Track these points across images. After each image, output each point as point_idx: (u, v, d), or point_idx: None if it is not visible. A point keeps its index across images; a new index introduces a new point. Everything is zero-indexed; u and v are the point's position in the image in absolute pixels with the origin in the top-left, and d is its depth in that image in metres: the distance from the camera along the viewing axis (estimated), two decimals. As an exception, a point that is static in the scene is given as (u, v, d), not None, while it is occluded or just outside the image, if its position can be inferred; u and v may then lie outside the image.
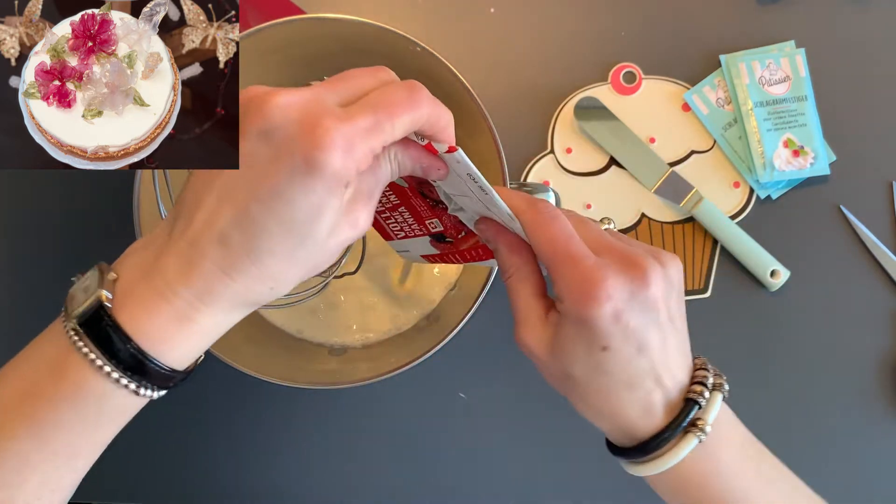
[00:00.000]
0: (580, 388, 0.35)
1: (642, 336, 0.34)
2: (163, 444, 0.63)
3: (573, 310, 0.33)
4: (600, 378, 0.34)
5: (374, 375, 0.51)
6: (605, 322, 0.33)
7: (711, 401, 0.36)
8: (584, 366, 0.34)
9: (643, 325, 0.34)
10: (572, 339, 0.34)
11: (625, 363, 0.34)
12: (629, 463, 0.37)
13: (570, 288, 0.33)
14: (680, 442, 0.35)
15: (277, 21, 0.51)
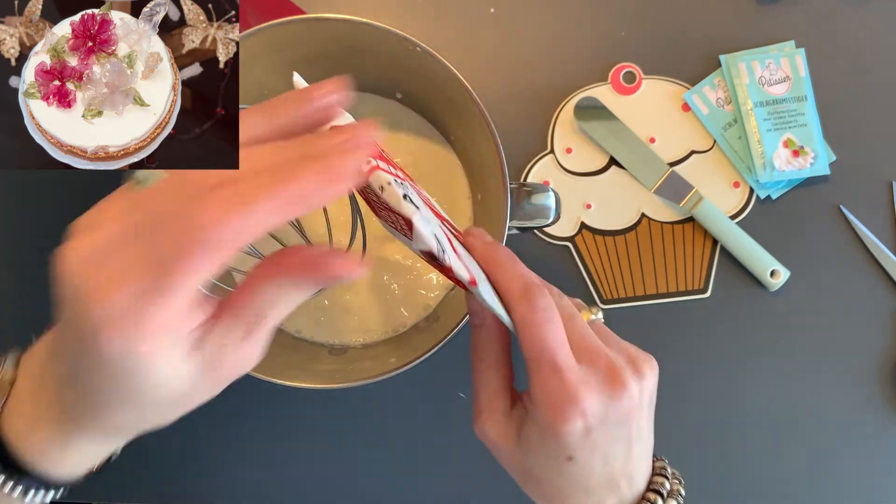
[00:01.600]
0: (539, 487, 0.36)
1: (608, 449, 0.34)
2: (162, 444, 0.63)
3: (544, 418, 0.33)
4: (560, 482, 0.35)
5: (374, 375, 0.51)
6: (574, 437, 0.33)
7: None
8: (546, 469, 0.35)
9: (611, 439, 0.34)
10: (538, 443, 0.34)
11: (587, 473, 0.34)
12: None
13: (546, 396, 0.33)
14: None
15: (277, 21, 0.51)
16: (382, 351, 0.59)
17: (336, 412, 0.63)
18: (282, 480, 0.64)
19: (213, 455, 0.63)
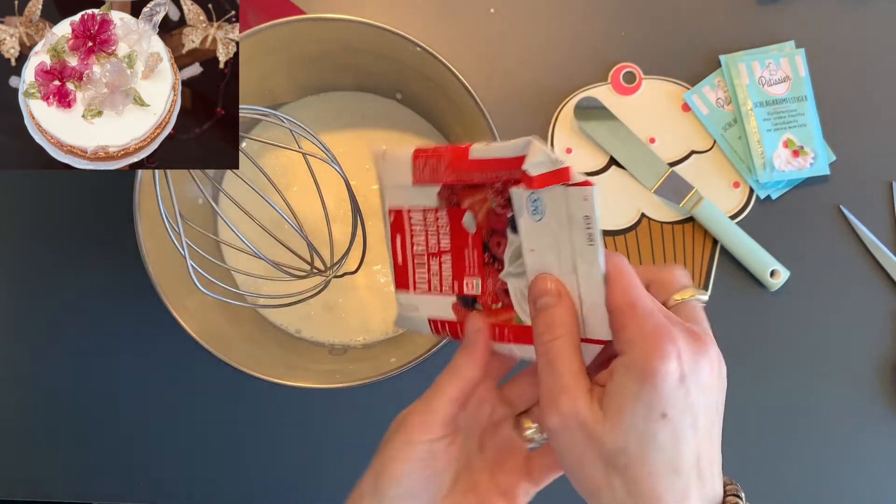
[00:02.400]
0: (630, 470, 0.32)
1: (695, 414, 0.32)
2: (162, 444, 0.63)
3: (640, 361, 0.32)
4: (653, 455, 0.32)
5: (374, 375, 0.51)
6: (670, 381, 0.31)
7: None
8: (639, 436, 0.32)
9: (698, 401, 0.32)
10: (632, 400, 0.32)
11: (677, 439, 0.32)
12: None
13: (643, 334, 0.32)
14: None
15: (277, 21, 0.51)
16: (382, 351, 0.59)
17: (336, 412, 0.63)
18: (282, 480, 0.64)
19: (213, 455, 0.63)
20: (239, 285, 0.60)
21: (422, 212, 0.39)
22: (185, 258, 0.43)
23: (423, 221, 0.39)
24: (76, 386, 0.63)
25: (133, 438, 0.63)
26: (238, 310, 0.59)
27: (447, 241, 0.39)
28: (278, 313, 0.61)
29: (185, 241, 0.43)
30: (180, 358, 0.63)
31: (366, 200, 0.62)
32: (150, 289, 0.50)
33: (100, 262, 0.63)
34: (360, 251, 0.53)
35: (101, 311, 0.63)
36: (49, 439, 0.63)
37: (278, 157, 0.62)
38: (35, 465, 0.63)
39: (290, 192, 0.60)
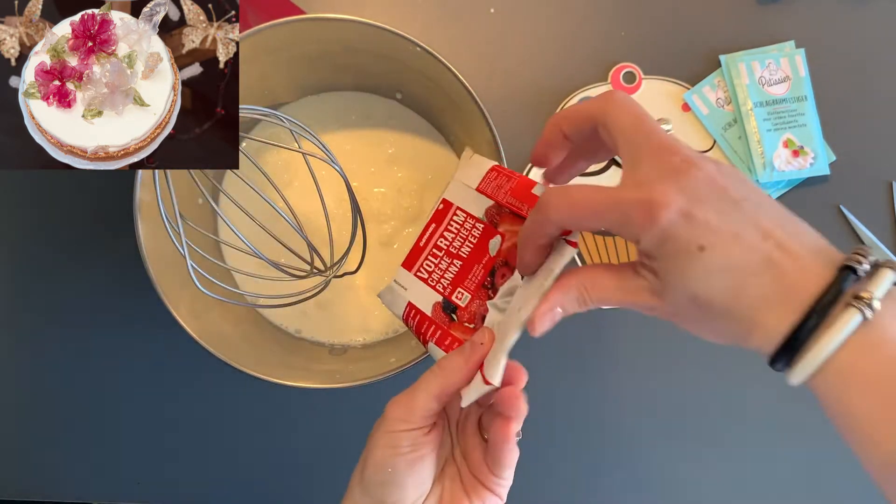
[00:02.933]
0: (715, 305, 0.31)
1: (729, 225, 0.31)
2: (163, 444, 0.63)
3: (649, 240, 0.31)
4: (719, 277, 0.30)
5: (374, 375, 0.51)
6: (679, 226, 0.30)
7: (877, 274, 0.29)
8: (696, 277, 0.31)
9: (721, 214, 0.31)
10: (668, 263, 0.31)
11: (729, 253, 0.30)
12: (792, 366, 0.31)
13: (630, 223, 0.31)
14: (838, 318, 0.29)
15: (277, 21, 0.51)
16: (382, 351, 0.59)
17: (336, 412, 0.63)
18: (282, 480, 0.64)
19: (213, 455, 0.63)
20: (239, 285, 0.60)
21: (465, 215, 0.43)
22: (185, 258, 0.43)
23: (461, 224, 0.43)
24: (76, 386, 0.63)
25: (133, 438, 0.63)
26: (238, 310, 0.59)
27: (468, 250, 0.42)
28: (278, 313, 0.61)
29: (185, 241, 0.43)
30: (180, 358, 0.63)
31: (365, 202, 0.62)
32: (150, 289, 0.50)
33: (100, 262, 0.63)
34: (360, 251, 0.53)
35: (101, 311, 0.63)
36: (49, 439, 0.63)
37: (278, 156, 0.62)
38: (35, 465, 0.63)
39: (290, 191, 0.60)
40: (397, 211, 0.62)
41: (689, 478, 0.64)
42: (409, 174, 0.62)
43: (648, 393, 0.64)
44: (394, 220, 0.62)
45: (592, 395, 0.64)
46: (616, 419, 0.64)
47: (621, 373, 0.64)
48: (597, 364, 0.64)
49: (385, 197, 0.62)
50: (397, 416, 0.39)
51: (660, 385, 0.64)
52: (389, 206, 0.62)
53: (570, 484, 0.64)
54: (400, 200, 0.62)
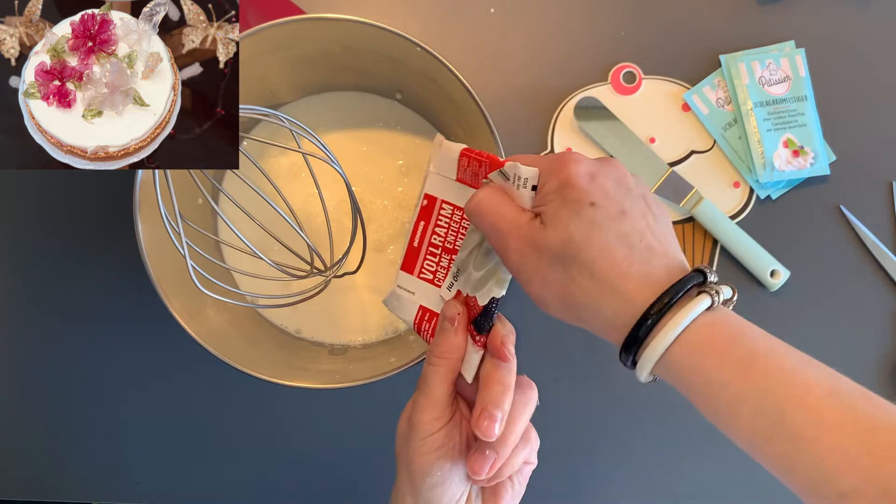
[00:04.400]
0: (583, 255, 0.34)
1: (621, 201, 0.35)
2: (163, 444, 0.63)
3: (558, 178, 0.35)
4: (596, 232, 0.34)
5: (374, 375, 0.51)
6: (583, 180, 0.35)
7: (722, 285, 0.34)
8: (579, 224, 0.34)
9: (619, 193, 0.35)
10: (560, 203, 0.35)
11: (612, 218, 0.34)
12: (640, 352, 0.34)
13: (552, 165, 0.36)
14: (690, 302, 0.33)
15: (277, 21, 0.51)
16: (382, 351, 0.59)
17: (336, 412, 0.63)
18: (282, 480, 0.64)
19: (213, 455, 0.63)
20: (239, 285, 0.60)
21: (452, 207, 0.42)
22: (185, 258, 0.43)
23: (449, 216, 0.43)
24: (76, 386, 0.63)
25: (133, 438, 0.63)
26: (238, 310, 0.59)
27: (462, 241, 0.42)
28: (278, 313, 0.61)
29: (185, 241, 0.43)
30: (180, 358, 0.63)
31: (365, 201, 0.62)
32: (150, 289, 0.50)
33: (100, 262, 0.63)
34: (360, 251, 0.53)
35: (101, 312, 0.63)
36: (49, 439, 0.63)
37: (278, 157, 0.62)
38: (35, 465, 0.63)
39: (290, 191, 0.60)
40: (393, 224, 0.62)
41: (690, 478, 0.64)
42: (408, 189, 0.62)
43: (650, 393, 0.64)
44: (390, 230, 0.62)
45: (593, 395, 0.64)
46: (617, 419, 0.64)
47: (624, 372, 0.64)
48: (598, 364, 0.64)
49: (385, 209, 0.62)
50: (428, 417, 0.39)
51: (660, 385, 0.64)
52: (388, 218, 0.62)
53: (571, 484, 0.64)
54: (398, 215, 0.62)
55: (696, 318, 0.32)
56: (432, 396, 0.39)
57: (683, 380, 0.33)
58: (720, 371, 0.32)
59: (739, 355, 0.32)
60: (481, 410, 0.38)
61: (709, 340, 0.32)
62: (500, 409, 0.38)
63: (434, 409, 0.39)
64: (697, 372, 0.32)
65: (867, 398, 0.31)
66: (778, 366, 0.31)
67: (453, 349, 0.39)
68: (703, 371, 0.32)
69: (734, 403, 0.31)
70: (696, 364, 0.32)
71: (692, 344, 0.32)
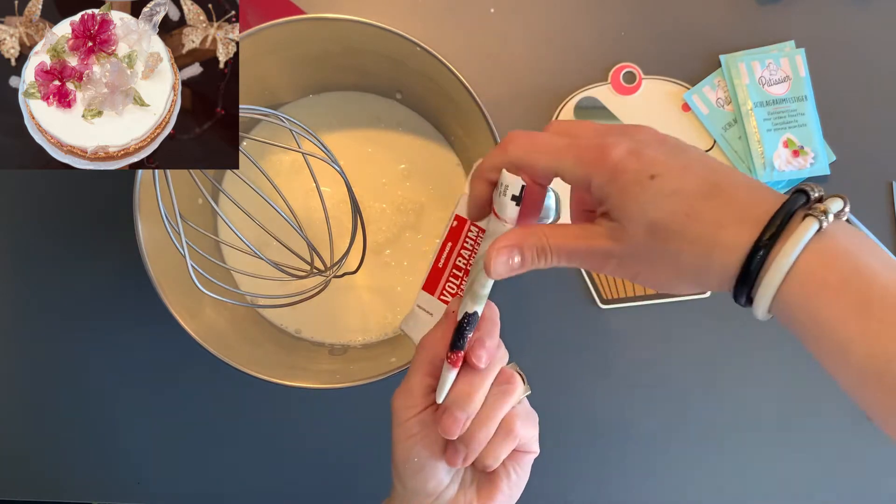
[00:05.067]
0: (672, 229, 0.32)
1: (676, 161, 0.32)
2: (163, 444, 0.63)
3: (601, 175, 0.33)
4: (673, 200, 0.32)
5: (374, 375, 0.51)
6: (628, 161, 0.32)
7: (829, 199, 0.31)
8: (652, 204, 0.32)
9: (666, 152, 0.33)
10: (622, 197, 0.32)
11: (681, 178, 0.32)
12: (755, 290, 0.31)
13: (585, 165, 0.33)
14: (797, 229, 0.30)
15: (277, 21, 0.51)
16: (382, 351, 0.59)
17: (336, 412, 0.63)
18: (281, 480, 0.64)
19: (213, 455, 0.63)
20: (239, 285, 0.60)
21: (478, 230, 0.42)
22: (185, 258, 0.43)
23: (475, 239, 0.42)
24: (76, 386, 0.63)
25: (133, 438, 0.64)
26: (238, 310, 0.59)
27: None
28: (278, 313, 0.61)
29: (185, 241, 0.43)
30: (180, 358, 0.63)
31: (364, 204, 0.62)
32: (149, 289, 0.50)
33: (100, 262, 0.63)
34: (360, 251, 0.53)
35: (101, 312, 0.63)
36: (49, 439, 0.63)
37: (278, 156, 0.62)
38: (35, 465, 0.63)
39: (290, 191, 0.60)
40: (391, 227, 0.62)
41: (692, 478, 0.64)
42: (408, 193, 0.62)
43: (651, 392, 0.64)
44: (388, 233, 0.62)
45: (595, 395, 0.64)
46: (618, 420, 0.64)
47: (624, 372, 0.64)
48: (599, 364, 0.64)
49: (384, 212, 0.62)
50: (401, 404, 0.39)
51: (662, 384, 0.64)
52: (386, 222, 0.62)
53: (573, 483, 0.64)
54: (396, 218, 0.62)
55: (807, 246, 0.30)
56: (408, 384, 0.39)
57: (794, 318, 0.30)
58: (831, 309, 0.29)
59: (854, 293, 0.29)
60: (444, 409, 0.38)
61: (820, 274, 0.29)
62: (464, 410, 0.37)
63: (408, 396, 0.39)
64: (808, 310, 0.29)
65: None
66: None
67: (436, 341, 0.39)
68: (814, 310, 0.29)
69: (844, 346, 0.28)
70: (808, 302, 0.29)
71: (803, 280, 0.29)
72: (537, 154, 0.35)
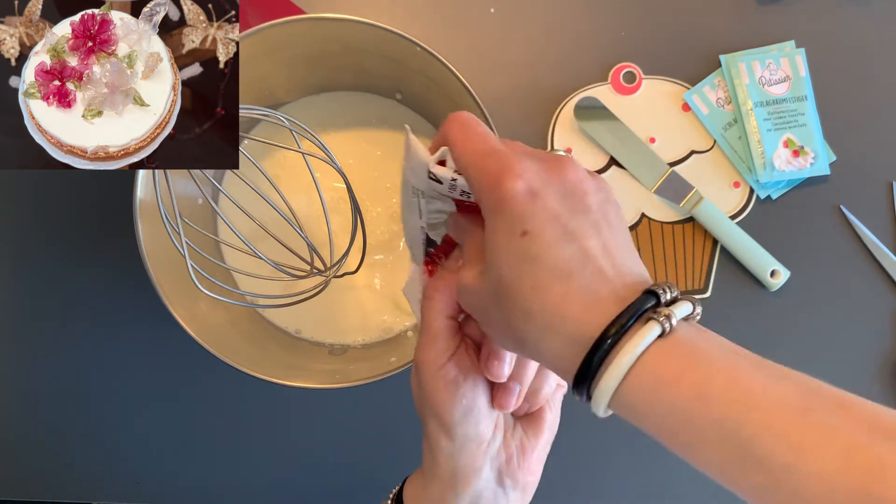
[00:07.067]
0: (514, 294, 0.31)
1: (567, 221, 0.30)
2: (162, 444, 0.63)
3: (490, 198, 0.31)
4: (527, 267, 0.30)
5: (373, 375, 0.51)
6: (520, 201, 0.30)
7: (679, 303, 0.31)
8: (507, 259, 0.31)
9: (566, 210, 0.31)
10: (492, 232, 0.31)
11: (549, 246, 0.30)
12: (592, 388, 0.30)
13: (486, 178, 0.31)
14: (639, 332, 0.29)
15: (277, 21, 0.51)
16: (382, 351, 0.59)
17: (336, 412, 0.63)
18: (281, 480, 0.64)
19: (213, 455, 0.63)
20: (239, 285, 0.60)
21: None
22: (185, 258, 0.43)
23: None
24: (76, 386, 0.63)
25: (133, 439, 0.63)
26: (237, 310, 0.59)
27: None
28: (278, 313, 0.61)
29: (185, 241, 0.43)
30: (180, 358, 0.63)
31: (365, 202, 0.62)
32: (150, 289, 0.50)
33: (100, 263, 0.63)
34: (360, 251, 0.53)
35: (101, 312, 0.63)
36: (49, 439, 0.63)
37: (278, 157, 0.62)
38: (35, 465, 0.63)
39: (290, 191, 0.60)
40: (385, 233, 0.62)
41: (692, 480, 0.64)
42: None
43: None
44: (381, 237, 0.62)
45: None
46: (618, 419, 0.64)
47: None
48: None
49: (379, 217, 0.62)
50: (430, 355, 0.37)
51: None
52: (380, 227, 0.62)
53: (573, 484, 0.64)
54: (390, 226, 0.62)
55: (648, 348, 0.29)
56: (431, 330, 0.37)
57: (639, 415, 0.29)
58: (675, 403, 0.28)
59: (694, 380, 0.28)
60: (489, 353, 0.36)
61: (660, 372, 0.29)
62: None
63: (435, 344, 0.37)
64: (652, 407, 0.29)
65: (844, 410, 0.28)
66: (739, 386, 0.28)
67: (449, 283, 0.37)
68: (658, 406, 0.29)
69: (697, 436, 0.28)
70: (650, 399, 0.29)
71: (643, 378, 0.29)
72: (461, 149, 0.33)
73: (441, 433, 0.38)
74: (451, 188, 0.35)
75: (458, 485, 0.38)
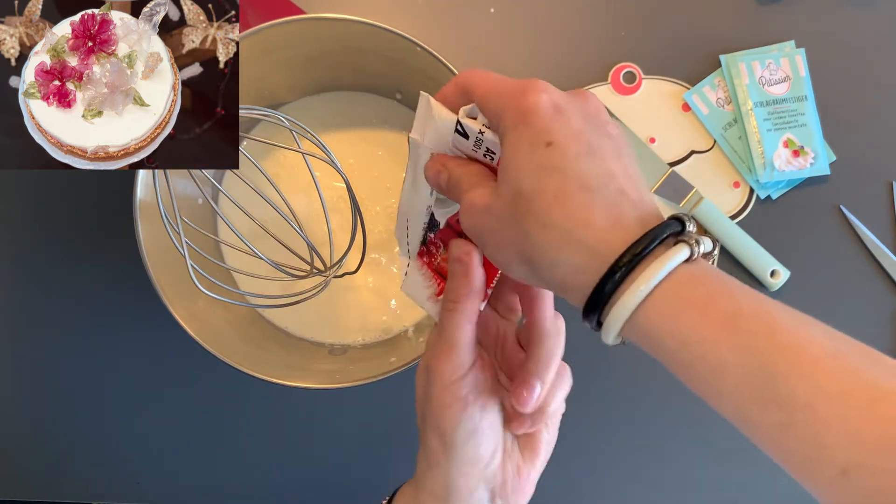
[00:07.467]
0: (534, 205, 0.29)
1: (590, 139, 0.30)
2: (162, 444, 0.63)
3: (513, 113, 0.30)
4: (550, 177, 0.29)
5: (374, 375, 0.51)
6: (543, 114, 0.29)
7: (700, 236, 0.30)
8: (529, 170, 0.29)
9: (589, 129, 0.30)
10: (513, 146, 0.30)
11: (574, 158, 0.29)
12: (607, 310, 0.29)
13: (509, 97, 0.30)
14: (667, 252, 0.28)
15: (277, 21, 0.51)
16: (382, 351, 0.59)
17: (336, 412, 0.63)
18: (281, 480, 0.64)
19: (213, 455, 0.63)
20: (239, 285, 0.60)
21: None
22: (185, 258, 0.43)
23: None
24: (76, 386, 0.63)
25: (133, 439, 0.63)
26: (237, 309, 0.59)
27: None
28: (278, 313, 0.61)
29: (185, 241, 0.43)
30: (180, 358, 0.63)
31: (364, 202, 0.62)
32: (150, 289, 0.50)
33: (100, 263, 0.63)
34: (360, 251, 0.53)
35: (101, 312, 0.63)
36: (49, 439, 0.63)
37: (278, 156, 0.62)
38: (35, 465, 0.63)
39: (290, 191, 0.60)
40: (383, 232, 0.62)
41: (694, 478, 0.64)
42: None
43: (651, 391, 0.64)
44: (379, 237, 0.62)
45: (599, 395, 0.64)
46: (618, 418, 0.64)
47: (625, 371, 0.64)
48: (600, 363, 0.64)
49: (377, 216, 0.62)
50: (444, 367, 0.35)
51: (663, 383, 0.64)
52: (379, 227, 0.62)
53: (575, 483, 0.64)
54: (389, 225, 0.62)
55: (673, 272, 0.27)
56: (452, 340, 0.35)
57: (658, 342, 0.28)
58: (701, 330, 0.27)
59: (723, 311, 0.27)
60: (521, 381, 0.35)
61: (687, 295, 0.27)
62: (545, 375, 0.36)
63: (454, 356, 0.35)
64: (674, 333, 0.27)
65: (871, 359, 0.26)
66: (768, 324, 0.27)
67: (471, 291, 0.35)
68: (681, 331, 0.27)
69: (718, 367, 0.27)
70: (673, 323, 0.27)
71: (667, 300, 0.27)
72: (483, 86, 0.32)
73: (441, 450, 0.36)
74: (475, 144, 0.34)
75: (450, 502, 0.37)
